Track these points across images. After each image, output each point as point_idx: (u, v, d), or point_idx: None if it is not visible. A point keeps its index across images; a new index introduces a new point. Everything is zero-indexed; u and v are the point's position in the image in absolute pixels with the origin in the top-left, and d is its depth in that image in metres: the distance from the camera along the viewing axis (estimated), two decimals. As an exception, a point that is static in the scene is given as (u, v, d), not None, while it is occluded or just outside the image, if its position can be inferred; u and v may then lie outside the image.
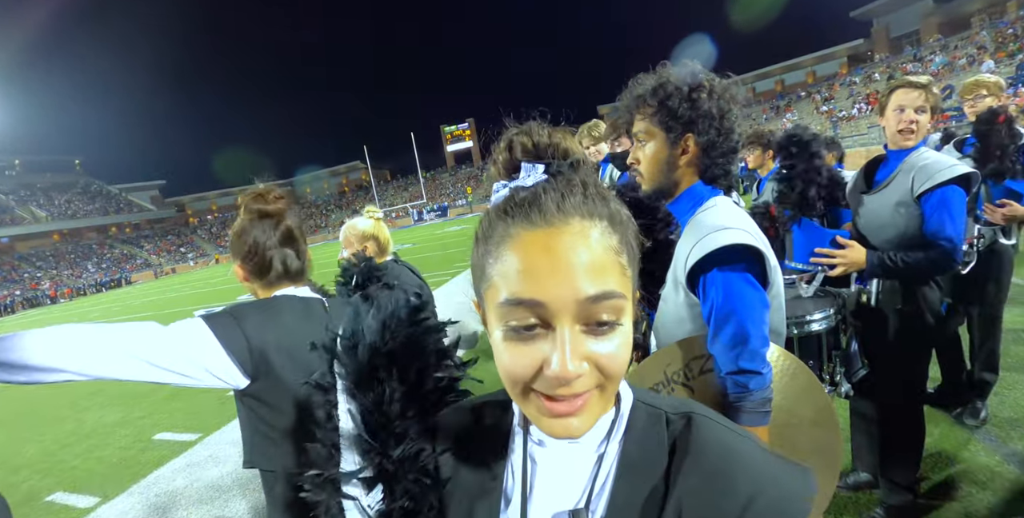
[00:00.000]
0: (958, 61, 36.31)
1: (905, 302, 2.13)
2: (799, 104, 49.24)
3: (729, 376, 1.19)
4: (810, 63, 58.97)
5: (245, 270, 1.41)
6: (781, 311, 1.34)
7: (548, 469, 0.60)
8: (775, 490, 0.54)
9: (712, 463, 0.55)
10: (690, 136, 1.29)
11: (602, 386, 0.52)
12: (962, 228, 2.02)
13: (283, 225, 1.42)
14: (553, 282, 0.49)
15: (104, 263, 58.85)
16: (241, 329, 1.21)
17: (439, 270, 13.33)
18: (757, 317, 1.19)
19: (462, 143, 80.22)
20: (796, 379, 1.26)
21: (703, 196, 1.34)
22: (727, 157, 1.31)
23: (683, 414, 0.59)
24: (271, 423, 1.26)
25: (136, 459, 4.64)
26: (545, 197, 0.52)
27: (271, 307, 1.33)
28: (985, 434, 2.88)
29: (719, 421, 0.60)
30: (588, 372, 0.50)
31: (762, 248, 1.21)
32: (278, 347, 1.24)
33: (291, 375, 1.24)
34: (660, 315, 1.42)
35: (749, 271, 1.21)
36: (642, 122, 1.34)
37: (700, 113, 1.26)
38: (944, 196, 2.00)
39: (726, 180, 1.35)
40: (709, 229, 1.22)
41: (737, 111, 1.30)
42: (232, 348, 1.18)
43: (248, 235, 1.38)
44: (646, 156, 1.36)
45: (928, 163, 2.05)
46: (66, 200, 68.35)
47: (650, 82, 1.32)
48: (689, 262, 1.23)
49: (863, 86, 43.91)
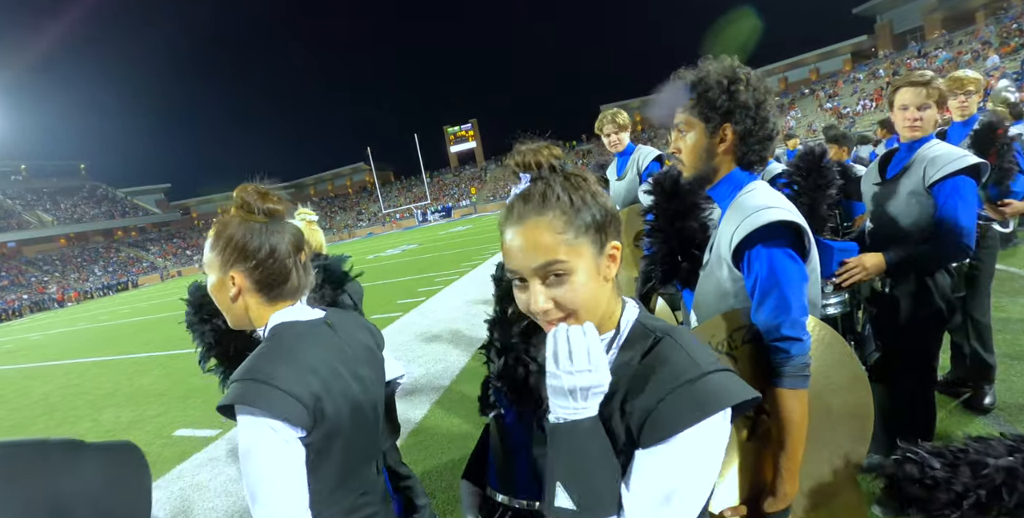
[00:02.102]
0: (963, 56, 36.26)
1: (918, 288, 2.21)
2: (803, 101, 49.19)
3: (773, 343, 1.28)
4: (813, 60, 58.88)
5: (250, 281, 1.16)
6: (817, 285, 1.42)
7: None
8: (705, 385, 0.76)
9: (658, 358, 0.81)
10: (728, 125, 1.38)
11: (572, 315, 0.83)
12: (974, 216, 2.09)
13: (294, 230, 1.23)
14: (519, 258, 0.83)
15: (110, 266, 59.13)
16: (285, 391, 1.02)
17: (446, 270, 13.43)
18: (797, 288, 1.28)
19: (465, 143, 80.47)
20: (832, 348, 1.35)
21: (742, 181, 1.43)
22: (763, 144, 1.39)
23: (664, 333, 0.85)
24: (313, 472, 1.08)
25: (159, 454, 4.71)
26: (514, 206, 0.85)
27: (288, 347, 1.11)
28: (993, 419, 2.95)
29: (682, 342, 0.83)
30: (552, 308, 0.83)
31: (802, 225, 1.30)
32: (322, 391, 1.09)
33: (338, 419, 1.11)
34: (701, 293, 1.51)
35: (790, 246, 1.30)
36: (683, 114, 1.43)
37: (738, 104, 1.35)
38: (956, 185, 2.08)
39: (762, 166, 1.44)
40: (752, 209, 1.31)
41: (772, 101, 1.38)
42: (291, 416, 1.01)
43: (260, 239, 1.15)
44: (687, 145, 1.45)
45: (939, 154, 2.13)
46: (72, 204, 68.75)
47: (690, 76, 1.41)
48: (735, 240, 1.32)
49: (867, 83, 43.84)
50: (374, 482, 1.26)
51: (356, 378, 1.20)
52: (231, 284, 1.15)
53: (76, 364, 10.88)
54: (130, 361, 10.09)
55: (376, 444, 1.29)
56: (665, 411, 0.75)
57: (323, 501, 1.09)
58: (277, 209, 1.19)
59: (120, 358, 10.63)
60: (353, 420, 1.16)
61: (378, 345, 1.36)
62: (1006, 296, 4.69)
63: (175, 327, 12.90)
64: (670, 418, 0.74)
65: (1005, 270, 5.48)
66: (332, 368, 1.14)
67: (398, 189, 77.67)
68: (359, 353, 1.26)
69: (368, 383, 1.24)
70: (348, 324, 1.30)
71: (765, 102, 1.36)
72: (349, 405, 1.15)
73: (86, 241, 65.21)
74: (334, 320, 1.26)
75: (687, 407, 0.74)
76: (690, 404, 0.74)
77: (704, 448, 0.75)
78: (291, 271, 1.19)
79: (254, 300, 1.17)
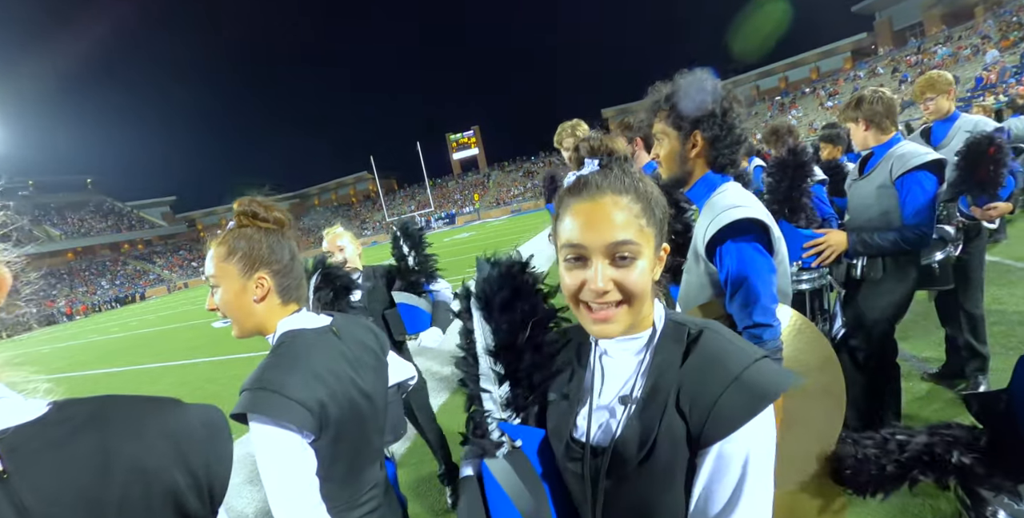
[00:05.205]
0: (963, 52, 36.19)
1: (885, 274, 2.48)
2: (803, 100, 49.21)
3: (745, 330, 1.39)
4: (813, 59, 58.84)
5: (275, 282, 1.23)
6: (786, 276, 1.54)
7: (610, 370, 0.90)
8: (757, 374, 0.77)
9: (708, 353, 0.81)
10: (697, 132, 1.52)
11: (627, 301, 0.81)
12: (930, 207, 2.32)
13: (294, 241, 1.30)
14: (589, 232, 0.80)
15: (118, 280, 59.64)
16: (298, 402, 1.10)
17: (450, 276, 13.44)
18: (766, 279, 1.39)
19: (468, 150, 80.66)
20: (802, 333, 1.46)
21: (715, 183, 1.56)
22: (731, 148, 1.52)
23: (699, 327, 0.85)
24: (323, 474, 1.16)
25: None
26: (591, 180, 0.83)
27: (295, 356, 1.18)
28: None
29: (724, 334, 0.84)
30: (613, 290, 0.80)
31: (767, 222, 1.43)
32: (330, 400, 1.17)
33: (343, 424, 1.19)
34: (684, 285, 1.64)
35: (757, 241, 1.42)
36: (659, 124, 1.58)
37: (705, 113, 1.48)
38: (916, 179, 2.33)
39: (733, 168, 1.56)
40: (723, 208, 1.44)
41: (740, 109, 1.51)
42: (299, 423, 1.09)
43: (280, 244, 1.24)
44: (664, 152, 1.59)
45: (904, 152, 2.41)
46: (79, 218, 69.37)
47: (665, 90, 1.55)
48: (707, 236, 1.45)
49: (867, 80, 43.79)
50: (378, 477, 1.36)
51: (360, 383, 1.29)
52: (256, 288, 1.21)
53: (89, 376, 11.00)
54: (144, 371, 10.21)
55: (380, 444, 1.38)
56: (727, 405, 0.74)
57: (332, 497, 1.18)
58: (284, 218, 1.27)
59: (133, 369, 10.75)
60: (357, 423, 1.25)
61: (382, 349, 1.45)
62: (1004, 288, 4.73)
63: (186, 337, 13.04)
64: (733, 412, 0.74)
65: (1001, 262, 5.53)
66: (337, 375, 1.22)
67: (402, 197, 78.07)
68: (363, 358, 1.35)
69: (371, 387, 1.33)
70: (353, 329, 1.39)
71: (731, 110, 1.50)
72: (353, 409, 1.24)
73: (93, 255, 65.73)
74: (340, 326, 1.34)
75: (747, 400, 0.74)
76: (749, 396, 0.74)
77: (766, 434, 0.76)
78: (302, 276, 1.29)
79: (274, 302, 1.24)
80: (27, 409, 0.63)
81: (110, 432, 0.64)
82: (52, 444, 0.61)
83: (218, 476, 0.72)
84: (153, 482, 0.64)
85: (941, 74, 3.23)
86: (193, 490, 0.68)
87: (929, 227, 2.30)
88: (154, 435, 0.67)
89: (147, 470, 0.64)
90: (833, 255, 2.27)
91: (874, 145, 2.56)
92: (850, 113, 2.56)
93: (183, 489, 0.67)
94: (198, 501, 0.69)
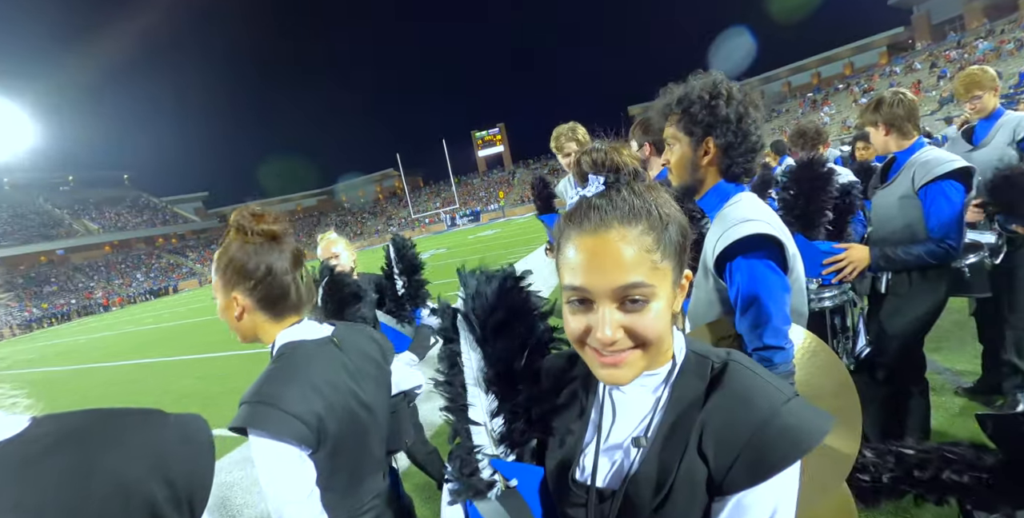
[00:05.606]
0: (1005, 46, 34.82)
1: (911, 287, 2.32)
2: (837, 97, 47.95)
3: (755, 352, 1.30)
4: (847, 54, 57.36)
5: (251, 300, 1.21)
6: (802, 294, 1.44)
7: (622, 407, 0.80)
8: (791, 417, 0.67)
9: (734, 391, 0.71)
10: (710, 139, 1.42)
11: (641, 346, 0.70)
12: (957, 218, 2.16)
13: (293, 248, 1.27)
14: (593, 275, 0.68)
15: (152, 273, 61.24)
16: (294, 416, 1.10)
17: (473, 273, 13.44)
18: (778, 299, 1.30)
19: (493, 148, 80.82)
20: (816, 356, 1.36)
21: (728, 193, 1.47)
22: (746, 156, 1.42)
23: (723, 360, 0.76)
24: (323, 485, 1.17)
25: (195, 454, 4.89)
26: (593, 209, 0.70)
27: (294, 368, 1.18)
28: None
29: (751, 368, 0.75)
30: (623, 337, 0.69)
31: (782, 238, 1.33)
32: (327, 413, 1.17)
33: (342, 435, 1.19)
34: (693, 300, 1.55)
35: (770, 258, 1.33)
36: (670, 128, 1.49)
37: (718, 118, 1.39)
38: (940, 189, 2.18)
39: (748, 177, 1.47)
40: (734, 221, 1.34)
41: (756, 114, 1.41)
42: (296, 437, 1.09)
43: (256, 259, 1.20)
44: (674, 158, 1.50)
45: (928, 159, 2.25)
46: (116, 213, 71.47)
47: (677, 92, 1.45)
48: (716, 251, 1.35)
49: (904, 76, 42.48)
50: (380, 486, 1.34)
51: (360, 394, 1.28)
52: (235, 305, 1.21)
53: (119, 366, 11.36)
54: (169, 363, 10.48)
55: (382, 454, 1.36)
56: (757, 451, 0.67)
57: (333, 506, 1.18)
58: (272, 230, 1.23)
59: (163, 360, 11.04)
60: (357, 434, 1.24)
61: (385, 359, 1.44)
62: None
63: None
64: (763, 460, 0.66)
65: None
66: (336, 386, 1.21)
67: (427, 194, 78.48)
68: (365, 368, 1.33)
69: (372, 398, 1.32)
70: (356, 339, 1.38)
71: (747, 115, 1.39)
72: (353, 420, 1.23)
73: (129, 248, 67.65)
74: (341, 336, 1.32)
75: (780, 446, 0.66)
76: (783, 442, 0.66)
77: (793, 484, 0.69)
78: (290, 287, 1.24)
79: (260, 317, 1.23)
80: (7, 425, 0.64)
81: (90, 447, 0.64)
82: (31, 461, 0.61)
83: (198, 487, 0.72)
84: (132, 495, 0.64)
85: (985, 70, 3.06)
86: (171, 502, 0.68)
87: (956, 240, 2.16)
88: (134, 448, 0.67)
89: (126, 483, 0.64)
90: (856, 272, 2.16)
91: (895, 151, 2.41)
92: (869, 116, 2.41)
93: (160, 501, 0.67)
94: (176, 513, 0.69)
